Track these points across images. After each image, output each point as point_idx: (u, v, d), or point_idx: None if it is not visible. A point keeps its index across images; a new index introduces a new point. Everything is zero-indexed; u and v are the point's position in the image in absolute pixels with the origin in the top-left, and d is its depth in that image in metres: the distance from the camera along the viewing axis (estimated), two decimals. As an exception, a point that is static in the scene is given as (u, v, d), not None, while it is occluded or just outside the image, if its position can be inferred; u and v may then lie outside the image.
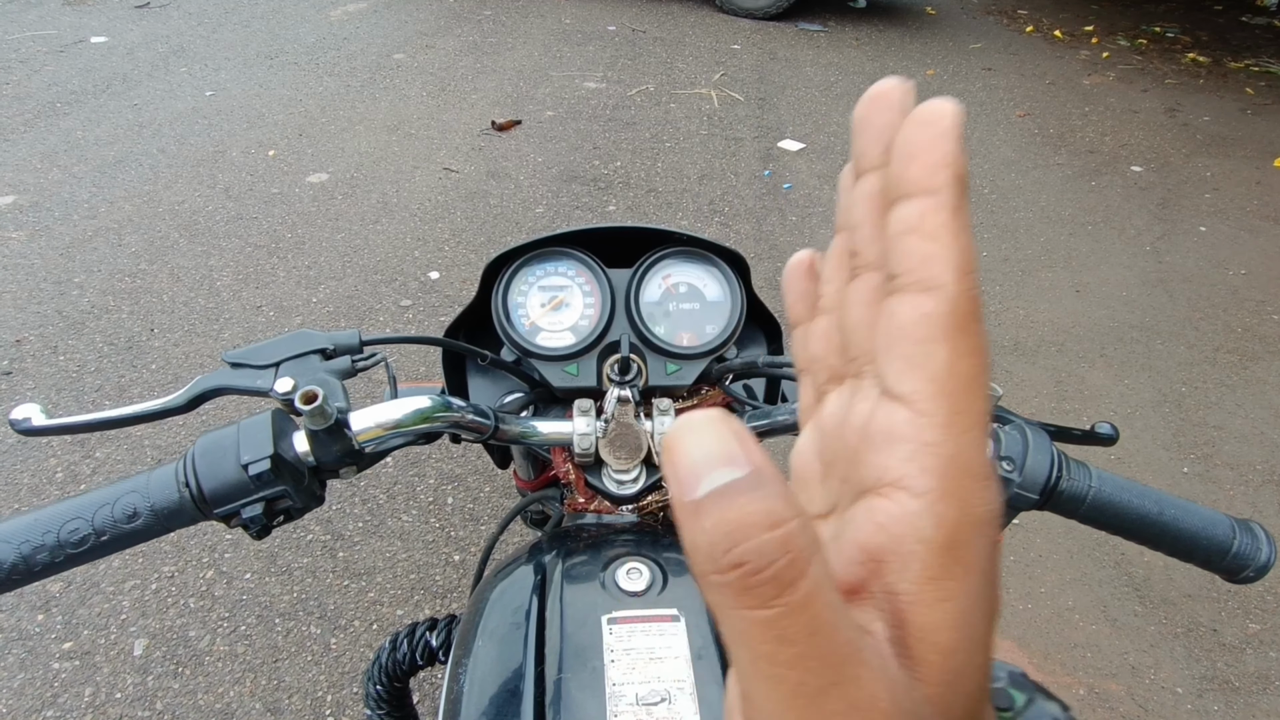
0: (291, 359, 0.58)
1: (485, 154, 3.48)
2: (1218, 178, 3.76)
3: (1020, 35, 5.75)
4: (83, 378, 2.16)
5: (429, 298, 2.58)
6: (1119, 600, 1.83)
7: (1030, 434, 0.55)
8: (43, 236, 2.71)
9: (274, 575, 1.74)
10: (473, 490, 1.96)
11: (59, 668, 1.54)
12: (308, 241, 2.81)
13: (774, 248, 3.00)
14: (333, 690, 1.54)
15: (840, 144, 3.81)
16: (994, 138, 4.05)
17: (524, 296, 0.76)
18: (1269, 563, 0.51)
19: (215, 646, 1.60)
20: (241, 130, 3.51)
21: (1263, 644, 1.76)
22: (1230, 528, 0.52)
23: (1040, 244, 3.16)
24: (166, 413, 0.56)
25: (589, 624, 0.58)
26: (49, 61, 4.00)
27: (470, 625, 0.63)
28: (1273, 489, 2.13)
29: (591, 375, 0.73)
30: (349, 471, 0.55)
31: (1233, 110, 4.54)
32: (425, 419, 0.57)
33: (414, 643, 0.78)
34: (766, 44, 5.07)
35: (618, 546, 0.66)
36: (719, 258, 0.77)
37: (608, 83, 4.29)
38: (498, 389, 0.82)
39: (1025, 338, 2.64)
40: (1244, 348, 2.66)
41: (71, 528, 0.47)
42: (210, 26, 4.63)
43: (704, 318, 0.76)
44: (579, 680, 0.54)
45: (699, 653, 0.56)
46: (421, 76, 4.19)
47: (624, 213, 3.12)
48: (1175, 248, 3.20)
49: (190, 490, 0.49)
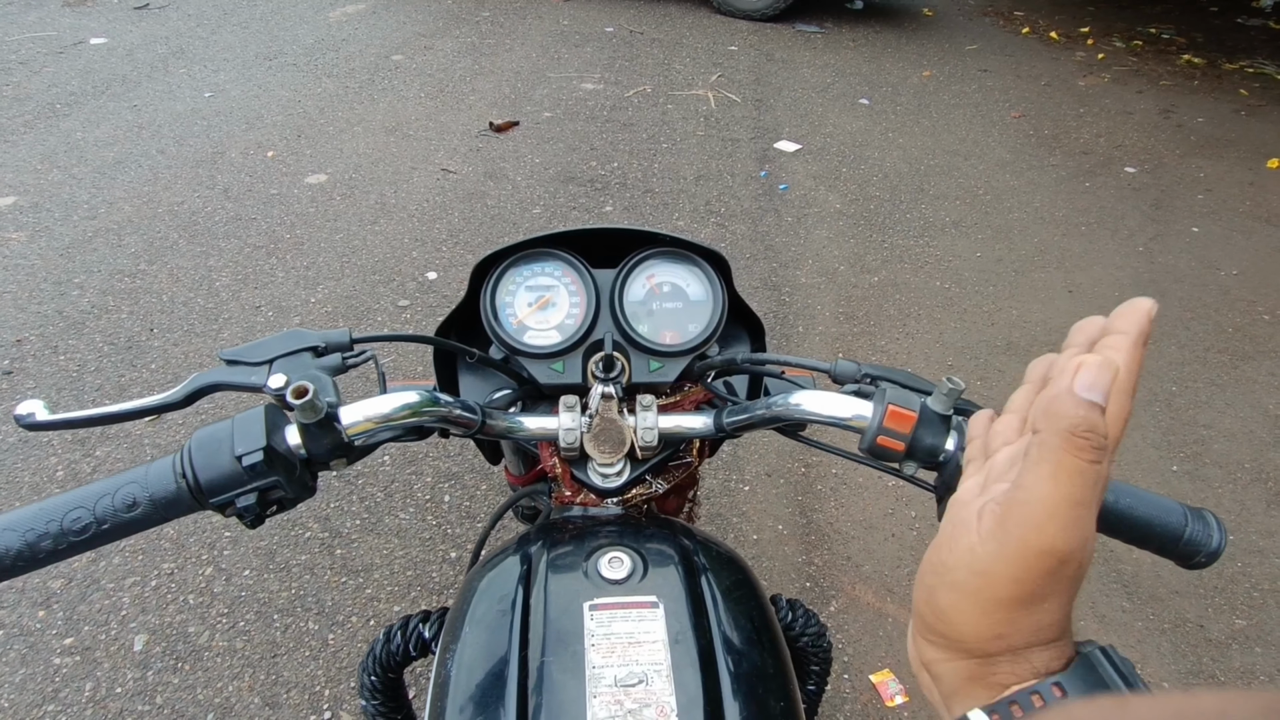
0: (284, 356, 0.61)
1: (483, 155, 3.50)
2: (1211, 179, 3.79)
3: (1016, 37, 5.78)
4: (83, 377, 2.18)
5: (426, 298, 2.60)
6: (1107, 597, 1.86)
7: None
8: (43, 237, 2.73)
9: (272, 572, 1.76)
10: (469, 488, 1.98)
11: (60, 663, 1.56)
12: (306, 242, 2.83)
13: (770, 248, 3.02)
14: (330, 685, 1.57)
15: (836, 145, 3.84)
16: (989, 138, 4.07)
17: (512, 296, 0.78)
18: (1219, 549, 0.53)
19: (214, 642, 1.62)
20: (240, 131, 3.53)
21: (1248, 639, 1.78)
22: (1183, 515, 0.54)
23: (1034, 244, 3.19)
24: (165, 408, 0.58)
25: (571, 610, 0.60)
26: (49, 63, 4.03)
27: (458, 613, 0.65)
28: (1260, 487, 2.15)
29: (577, 372, 0.75)
30: (339, 464, 0.57)
31: (1227, 112, 4.56)
32: (413, 413, 0.60)
33: (407, 634, 0.80)
34: (763, 45, 5.10)
35: (601, 537, 0.68)
36: (701, 258, 0.79)
37: (605, 84, 4.32)
38: (487, 386, 0.84)
39: (1018, 337, 2.66)
40: (1234, 347, 2.69)
41: (74, 516, 0.49)
42: (209, 28, 4.66)
43: (686, 316, 0.78)
44: (560, 663, 0.56)
45: (676, 637, 0.58)
46: (420, 78, 4.21)
47: (621, 213, 3.14)
48: (1168, 248, 3.22)
49: (187, 481, 0.51)
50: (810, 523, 1.97)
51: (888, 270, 2.96)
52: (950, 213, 3.36)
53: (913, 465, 0.58)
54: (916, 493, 2.05)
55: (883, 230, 3.21)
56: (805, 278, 2.87)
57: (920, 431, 0.56)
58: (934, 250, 3.10)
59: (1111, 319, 0.34)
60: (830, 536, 1.94)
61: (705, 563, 0.67)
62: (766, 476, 2.08)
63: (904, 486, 2.08)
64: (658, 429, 0.70)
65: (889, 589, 1.83)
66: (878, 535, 1.96)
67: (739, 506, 2.00)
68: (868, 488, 2.07)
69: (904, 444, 0.57)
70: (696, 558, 0.67)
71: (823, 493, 2.05)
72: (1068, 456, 0.29)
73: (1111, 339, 0.34)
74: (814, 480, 2.08)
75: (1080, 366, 0.30)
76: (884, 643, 1.72)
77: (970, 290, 2.89)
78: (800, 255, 3.00)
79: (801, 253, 3.01)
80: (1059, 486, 0.30)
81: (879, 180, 3.57)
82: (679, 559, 0.66)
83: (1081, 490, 0.30)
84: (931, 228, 3.25)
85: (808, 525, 1.97)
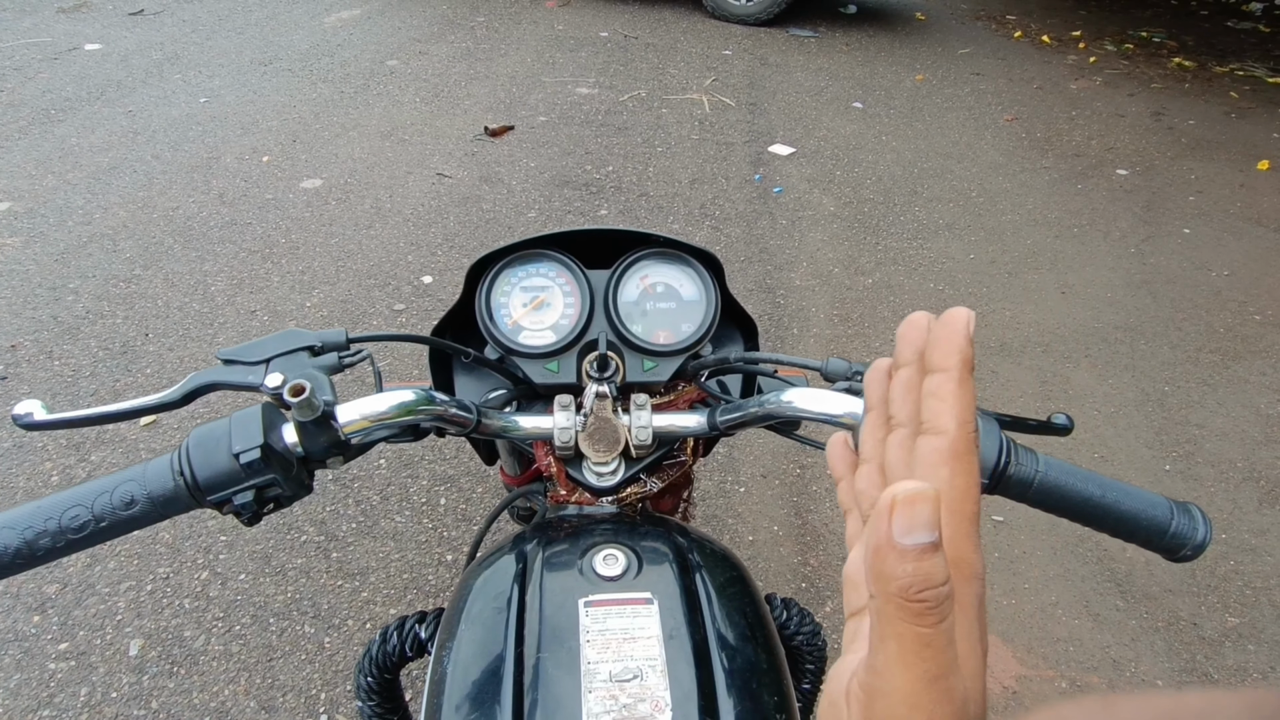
0: (281, 356, 0.61)
1: (478, 159, 3.51)
2: (1202, 180, 3.81)
3: (1008, 40, 5.81)
4: (78, 382, 2.18)
5: (422, 301, 2.60)
6: (1101, 595, 1.87)
7: (980, 422, 0.58)
8: (38, 242, 2.73)
9: (268, 576, 1.76)
10: (465, 491, 1.98)
11: (55, 668, 1.56)
12: (302, 246, 2.83)
13: (764, 251, 3.03)
14: (327, 689, 1.57)
15: (830, 148, 3.86)
16: (982, 141, 4.09)
17: (506, 297, 0.78)
18: (1205, 542, 0.54)
19: (210, 646, 1.62)
20: (235, 136, 3.54)
21: (1241, 637, 1.79)
22: (1169, 509, 0.55)
23: (1027, 246, 3.20)
24: (163, 407, 0.59)
25: (566, 607, 0.60)
26: (43, 69, 4.03)
27: (454, 612, 0.66)
28: (1252, 486, 2.17)
29: (571, 372, 0.76)
30: (335, 462, 0.58)
31: (1217, 114, 4.59)
32: (409, 411, 0.60)
33: (403, 635, 0.80)
34: (757, 50, 5.12)
35: (596, 535, 0.68)
36: (695, 259, 0.80)
37: (600, 88, 4.33)
38: (482, 386, 0.85)
39: (1011, 338, 2.67)
40: (1226, 348, 2.70)
41: (72, 514, 0.49)
42: (204, 33, 4.66)
43: (680, 316, 0.79)
44: (556, 659, 0.57)
45: (670, 633, 0.58)
46: (415, 83, 4.22)
47: (616, 217, 3.15)
48: (1159, 249, 3.24)
49: (185, 479, 0.51)
50: (805, 524, 1.98)
51: (882, 272, 2.98)
52: (943, 215, 3.38)
53: None
54: (911, 493, 2.06)
55: (876, 233, 3.22)
56: (800, 280, 2.88)
57: None
58: (927, 252, 3.12)
59: (930, 347, 0.31)
60: (825, 537, 1.95)
61: (699, 560, 0.67)
62: (762, 478, 2.09)
63: (899, 487, 2.09)
64: (652, 428, 0.71)
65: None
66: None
67: (734, 508, 2.00)
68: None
69: None
70: (691, 555, 0.68)
71: (818, 494, 2.06)
72: (908, 628, 0.25)
73: (934, 383, 0.31)
74: (809, 481, 2.09)
75: (894, 507, 0.24)
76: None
77: (964, 292, 2.90)
78: (795, 258, 3.01)
79: (796, 255, 3.03)
80: (910, 669, 0.25)
81: (872, 183, 3.59)
82: (673, 556, 0.66)
83: (935, 663, 0.25)
84: (925, 230, 3.26)
85: (803, 526, 1.97)
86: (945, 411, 0.30)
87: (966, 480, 0.30)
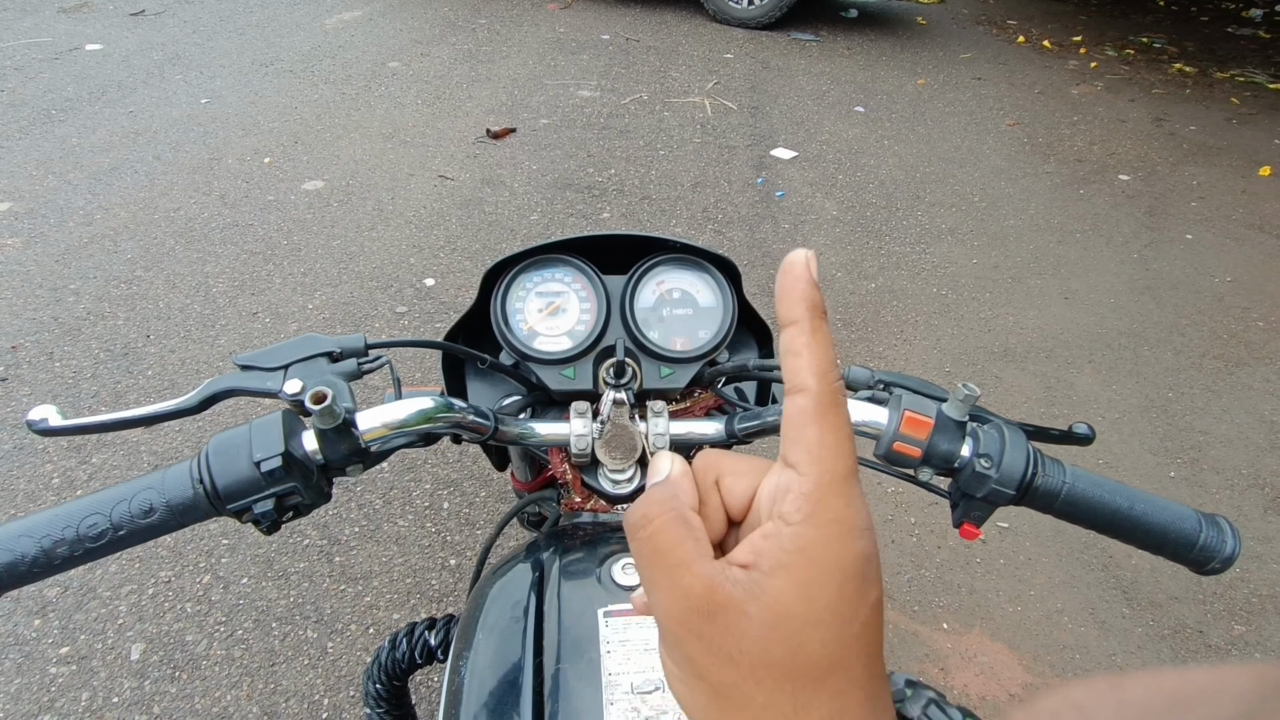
0: (299, 361, 0.60)
1: (480, 161, 3.50)
2: (1204, 186, 3.82)
3: (1010, 45, 5.82)
4: (79, 384, 2.17)
5: (424, 304, 2.60)
6: (1107, 603, 1.86)
7: (1007, 432, 0.57)
8: (38, 243, 2.72)
9: (271, 580, 1.75)
10: (469, 495, 1.97)
11: (56, 672, 1.54)
12: (303, 248, 2.82)
13: (767, 254, 3.03)
14: (330, 694, 1.55)
15: (832, 152, 3.86)
16: (984, 146, 4.10)
17: (522, 302, 0.78)
18: (1234, 555, 0.53)
19: (212, 651, 1.61)
20: (237, 138, 3.53)
21: (1247, 645, 1.78)
22: (1197, 522, 0.54)
23: (1030, 251, 3.20)
24: (179, 413, 0.58)
25: (586, 617, 0.59)
26: (44, 69, 4.01)
27: (470, 621, 0.65)
28: (1257, 492, 2.16)
29: (588, 378, 0.75)
30: (355, 469, 0.57)
31: (1219, 120, 4.60)
32: (428, 419, 0.59)
33: (413, 642, 0.80)
34: (759, 53, 5.12)
35: (613, 543, 0.68)
36: (711, 264, 0.80)
37: (602, 91, 4.33)
38: (496, 392, 0.84)
39: (1015, 344, 2.67)
40: (1230, 354, 2.70)
41: (90, 523, 0.48)
42: (205, 34, 4.65)
43: (697, 323, 0.78)
44: (576, 670, 0.56)
45: None
46: (416, 84, 4.22)
47: (618, 220, 3.14)
48: (1162, 255, 3.24)
49: (205, 487, 0.50)
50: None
51: (885, 277, 2.97)
52: (946, 220, 3.38)
53: (928, 471, 0.59)
54: (915, 499, 2.06)
55: (879, 237, 3.22)
56: (803, 284, 2.88)
57: (936, 438, 0.56)
58: (930, 257, 3.12)
59: (777, 301, 0.29)
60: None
61: None
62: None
63: (903, 493, 2.08)
64: (669, 435, 0.70)
65: (889, 595, 1.83)
66: (878, 541, 1.96)
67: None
68: (867, 494, 2.07)
69: (920, 450, 0.57)
70: None
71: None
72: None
73: (787, 338, 0.28)
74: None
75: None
76: (885, 648, 1.72)
77: (967, 297, 2.90)
78: (798, 262, 3.00)
79: (799, 259, 3.02)
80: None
81: (875, 187, 3.59)
82: None
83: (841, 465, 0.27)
84: (928, 234, 3.26)
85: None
86: (802, 367, 0.28)
87: (836, 436, 0.27)
